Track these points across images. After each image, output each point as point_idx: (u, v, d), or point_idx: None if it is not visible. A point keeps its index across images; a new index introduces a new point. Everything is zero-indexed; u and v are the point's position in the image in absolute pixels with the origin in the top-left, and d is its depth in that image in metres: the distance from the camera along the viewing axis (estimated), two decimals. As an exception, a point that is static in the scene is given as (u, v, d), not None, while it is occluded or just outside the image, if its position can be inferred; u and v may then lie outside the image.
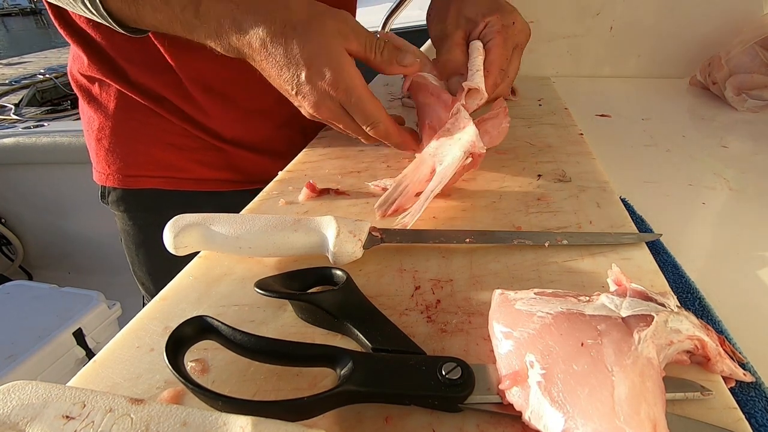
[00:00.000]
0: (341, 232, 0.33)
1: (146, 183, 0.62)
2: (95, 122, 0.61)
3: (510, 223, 0.40)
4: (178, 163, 0.62)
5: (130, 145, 0.61)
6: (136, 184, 0.62)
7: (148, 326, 0.30)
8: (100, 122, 0.60)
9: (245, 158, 0.64)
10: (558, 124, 0.63)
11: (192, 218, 0.34)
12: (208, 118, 0.60)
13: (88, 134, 0.63)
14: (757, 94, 0.79)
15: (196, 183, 0.63)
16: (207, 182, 0.64)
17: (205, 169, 0.63)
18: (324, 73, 0.40)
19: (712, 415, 0.23)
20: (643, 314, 0.24)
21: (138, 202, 0.63)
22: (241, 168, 0.64)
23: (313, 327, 0.29)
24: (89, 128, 0.62)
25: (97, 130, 0.61)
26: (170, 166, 0.62)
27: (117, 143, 0.61)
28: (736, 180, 0.56)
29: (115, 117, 0.59)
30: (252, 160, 0.64)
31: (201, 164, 0.62)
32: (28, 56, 3.50)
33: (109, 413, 0.19)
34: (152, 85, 0.58)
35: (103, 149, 0.61)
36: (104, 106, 0.60)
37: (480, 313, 0.29)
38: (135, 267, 0.69)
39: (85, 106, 0.61)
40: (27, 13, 27.24)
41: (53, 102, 2.52)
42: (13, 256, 1.95)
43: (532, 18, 0.98)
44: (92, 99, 0.60)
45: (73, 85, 0.61)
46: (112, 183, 0.63)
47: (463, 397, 0.23)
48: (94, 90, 0.60)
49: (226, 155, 0.63)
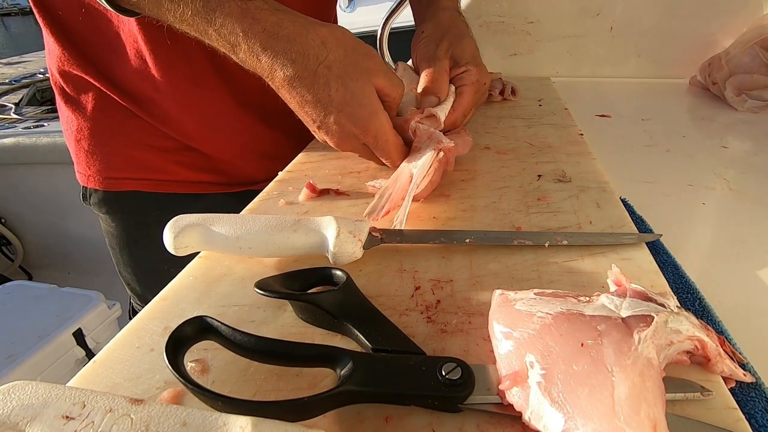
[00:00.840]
0: (341, 233, 0.33)
1: (127, 185, 0.61)
2: (74, 123, 0.59)
3: (510, 223, 0.40)
4: (159, 164, 0.60)
5: (110, 146, 0.59)
6: (117, 186, 0.61)
7: (148, 326, 0.30)
8: (79, 123, 0.59)
9: (226, 161, 0.63)
10: (558, 124, 0.63)
11: (192, 218, 0.34)
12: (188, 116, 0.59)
13: (68, 134, 0.61)
14: (757, 94, 0.79)
15: (177, 185, 0.62)
16: (189, 184, 0.62)
17: (186, 170, 0.62)
18: (356, 118, 0.40)
19: (712, 415, 0.23)
20: (643, 314, 0.24)
21: (120, 203, 0.62)
22: (222, 170, 0.63)
23: (313, 327, 0.29)
24: (68, 129, 0.60)
25: (76, 131, 0.59)
26: (151, 168, 0.60)
27: (96, 144, 0.59)
28: (736, 180, 0.56)
29: (94, 118, 0.58)
30: (232, 163, 0.63)
31: (182, 165, 0.61)
32: (28, 55, 3.50)
33: (109, 413, 0.19)
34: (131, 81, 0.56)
35: (83, 150, 0.60)
36: (82, 107, 0.58)
37: (480, 314, 0.29)
38: (120, 267, 0.68)
39: (63, 106, 0.60)
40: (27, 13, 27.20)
41: (53, 101, 2.52)
42: (13, 256, 1.95)
43: (532, 18, 0.99)
44: (69, 99, 0.59)
45: (52, 83, 0.60)
46: (93, 184, 0.61)
47: (463, 397, 0.23)
48: (71, 90, 0.58)
49: (206, 158, 0.62)
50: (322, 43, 0.38)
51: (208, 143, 0.61)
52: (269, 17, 0.37)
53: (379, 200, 0.43)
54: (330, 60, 0.39)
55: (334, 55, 0.39)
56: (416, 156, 0.45)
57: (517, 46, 1.01)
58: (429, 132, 0.46)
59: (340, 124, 0.41)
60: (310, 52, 0.38)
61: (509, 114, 0.68)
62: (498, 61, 1.02)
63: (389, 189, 0.43)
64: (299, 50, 0.38)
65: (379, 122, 0.42)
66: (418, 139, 0.47)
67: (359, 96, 0.40)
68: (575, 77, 1.02)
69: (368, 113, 0.41)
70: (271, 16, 0.37)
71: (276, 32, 0.37)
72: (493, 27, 1.00)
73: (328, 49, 0.39)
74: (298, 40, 0.38)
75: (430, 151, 0.44)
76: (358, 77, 0.40)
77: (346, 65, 0.39)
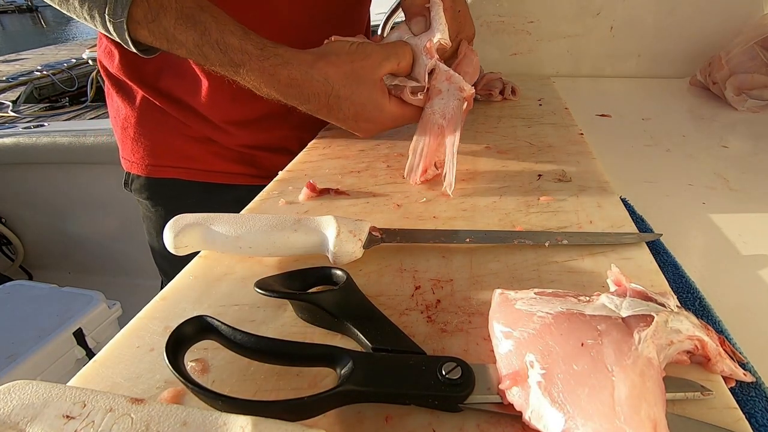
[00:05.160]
0: (341, 232, 0.33)
1: (167, 173, 0.65)
2: (122, 112, 0.63)
3: (510, 223, 0.40)
4: (196, 154, 0.64)
5: (153, 135, 0.64)
6: (158, 173, 0.65)
7: (148, 326, 0.30)
8: (126, 112, 0.63)
9: (261, 156, 0.67)
10: (558, 124, 0.63)
11: (192, 218, 0.34)
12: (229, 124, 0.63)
13: (115, 121, 0.65)
14: (757, 94, 0.79)
15: (213, 175, 0.66)
16: (224, 175, 0.66)
17: (222, 162, 0.65)
18: (372, 120, 0.49)
19: (712, 415, 0.23)
20: (643, 314, 0.24)
21: (160, 190, 0.66)
22: (255, 162, 0.67)
23: (313, 327, 0.29)
24: (116, 116, 0.65)
25: (123, 119, 0.63)
26: (189, 157, 0.64)
27: (141, 133, 0.63)
28: (736, 180, 0.56)
29: (140, 109, 0.62)
30: (268, 158, 0.67)
31: (219, 157, 0.65)
32: (25, 53, 3.50)
33: (109, 413, 0.19)
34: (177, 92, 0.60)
35: (129, 138, 0.64)
36: (131, 98, 0.62)
37: (480, 313, 0.29)
38: (154, 253, 0.72)
39: (114, 95, 0.64)
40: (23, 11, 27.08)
41: (51, 99, 2.52)
42: (13, 256, 1.95)
43: (532, 18, 0.99)
44: (120, 89, 0.63)
45: (102, 73, 0.64)
46: (136, 170, 0.65)
47: (463, 396, 0.23)
48: (122, 83, 0.62)
49: (239, 151, 0.66)
50: (326, 80, 0.46)
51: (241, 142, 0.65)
52: (282, 71, 0.45)
53: (413, 158, 0.46)
54: (336, 90, 0.46)
55: (338, 84, 0.46)
56: (439, 102, 0.47)
57: (517, 46, 1.01)
58: (448, 74, 0.47)
59: (361, 128, 0.50)
60: (319, 91, 0.46)
61: (509, 114, 0.68)
62: (498, 61, 1.02)
63: (420, 141, 0.45)
64: (310, 93, 0.46)
65: (389, 110, 0.48)
66: (436, 78, 0.48)
67: (367, 103, 0.47)
68: (575, 77, 1.02)
69: (379, 112, 0.48)
70: (283, 71, 0.45)
71: (288, 83, 0.46)
72: (493, 27, 1.00)
73: (332, 83, 0.46)
74: (306, 86, 0.46)
75: (454, 101, 0.46)
76: (362, 88, 0.47)
77: (350, 86, 0.46)
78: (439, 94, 0.47)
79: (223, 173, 0.66)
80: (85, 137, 1.63)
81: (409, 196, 0.45)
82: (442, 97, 0.47)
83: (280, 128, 0.66)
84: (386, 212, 0.42)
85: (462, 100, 0.46)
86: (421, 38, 0.50)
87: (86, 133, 1.63)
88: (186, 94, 0.61)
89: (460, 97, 0.46)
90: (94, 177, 1.69)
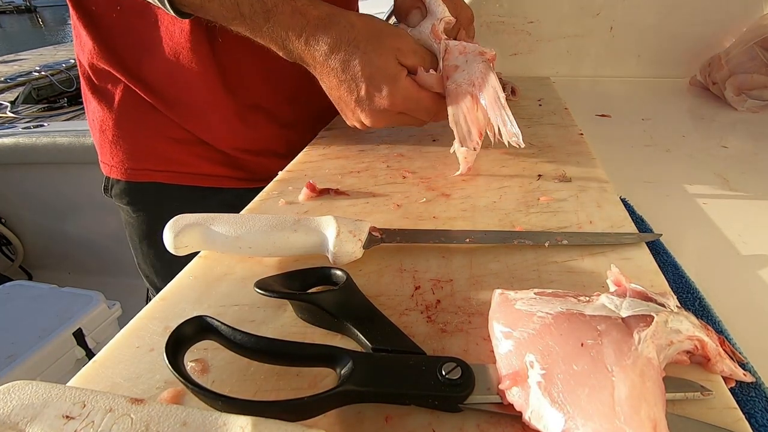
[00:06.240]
0: (341, 232, 0.33)
1: (149, 176, 0.62)
2: (99, 114, 0.60)
3: (510, 223, 0.40)
4: (180, 157, 0.61)
5: (133, 137, 0.60)
6: (139, 177, 0.62)
7: (148, 326, 0.29)
8: (104, 114, 0.60)
9: (247, 159, 0.64)
10: (558, 124, 0.63)
11: (192, 218, 0.34)
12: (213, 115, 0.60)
13: (93, 125, 0.63)
14: (757, 94, 0.79)
15: (197, 178, 0.63)
16: (208, 178, 0.63)
17: (207, 164, 0.63)
18: (382, 89, 0.45)
19: (712, 415, 0.23)
20: (643, 314, 0.24)
21: (141, 195, 0.63)
22: (242, 165, 0.64)
23: (313, 327, 0.29)
24: (93, 119, 0.62)
25: (101, 122, 0.61)
26: (172, 160, 0.61)
27: (120, 136, 0.60)
28: (736, 180, 0.56)
29: (119, 110, 0.59)
30: (254, 160, 0.64)
31: (202, 159, 0.62)
32: (24, 53, 3.50)
33: (109, 413, 0.19)
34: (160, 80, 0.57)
35: (107, 141, 0.61)
36: (109, 99, 0.59)
37: (480, 313, 0.29)
38: (138, 259, 0.69)
39: (90, 96, 0.61)
40: (22, 11, 27.07)
41: (49, 99, 2.52)
42: (13, 256, 1.95)
43: (532, 18, 0.99)
44: (96, 90, 0.60)
45: (80, 73, 0.61)
46: (115, 175, 0.62)
47: (463, 397, 0.23)
48: (98, 82, 0.59)
49: (226, 153, 0.63)
50: (351, 26, 0.45)
51: (228, 142, 0.62)
52: (312, 11, 0.44)
53: (459, 128, 0.45)
54: (357, 39, 0.44)
55: (361, 35, 0.45)
56: (461, 74, 0.46)
57: (517, 46, 1.01)
58: (461, 46, 0.47)
59: (370, 96, 0.46)
60: (341, 36, 0.45)
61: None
62: (498, 61, 1.02)
63: (459, 112, 0.45)
64: (333, 37, 0.45)
65: (404, 87, 0.46)
66: (449, 56, 0.47)
67: (383, 67, 0.45)
68: (575, 77, 1.02)
69: (393, 83, 0.45)
70: (314, 11, 0.45)
71: (316, 23, 0.45)
72: (493, 27, 1.00)
73: (356, 31, 0.45)
74: (331, 27, 0.45)
75: (478, 65, 0.45)
76: (382, 50, 0.45)
77: (372, 42, 0.45)
78: (457, 69, 0.46)
79: (207, 176, 0.63)
80: (84, 137, 1.63)
81: (408, 197, 0.45)
82: (462, 69, 0.46)
83: (269, 126, 0.64)
84: (386, 212, 0.42)
85: (487, 62, 0.46)
86: (423, 26, 0.50)
87: (86, 134, 1.63)
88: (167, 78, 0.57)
89: (484, 60, 0.46)
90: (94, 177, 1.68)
